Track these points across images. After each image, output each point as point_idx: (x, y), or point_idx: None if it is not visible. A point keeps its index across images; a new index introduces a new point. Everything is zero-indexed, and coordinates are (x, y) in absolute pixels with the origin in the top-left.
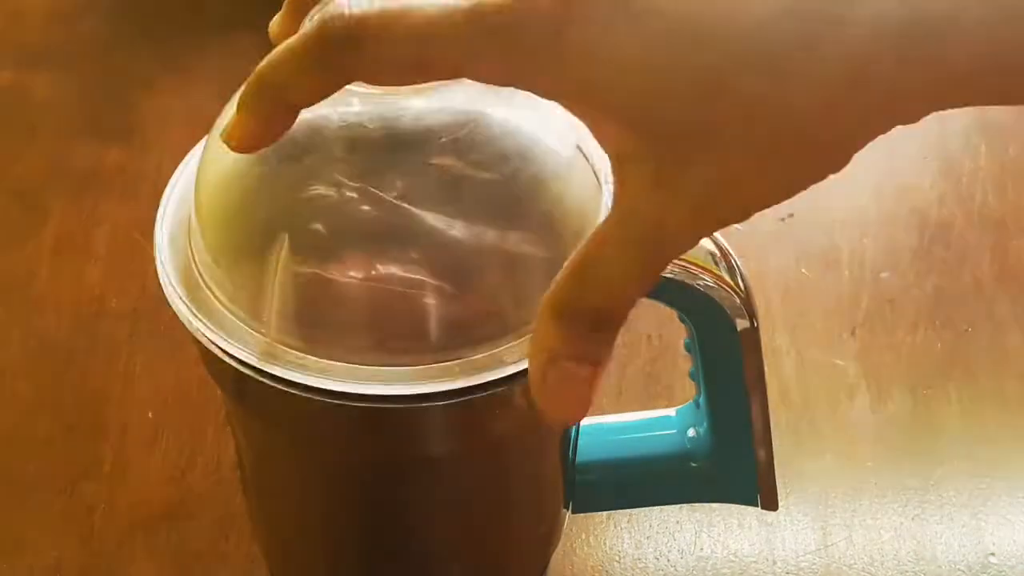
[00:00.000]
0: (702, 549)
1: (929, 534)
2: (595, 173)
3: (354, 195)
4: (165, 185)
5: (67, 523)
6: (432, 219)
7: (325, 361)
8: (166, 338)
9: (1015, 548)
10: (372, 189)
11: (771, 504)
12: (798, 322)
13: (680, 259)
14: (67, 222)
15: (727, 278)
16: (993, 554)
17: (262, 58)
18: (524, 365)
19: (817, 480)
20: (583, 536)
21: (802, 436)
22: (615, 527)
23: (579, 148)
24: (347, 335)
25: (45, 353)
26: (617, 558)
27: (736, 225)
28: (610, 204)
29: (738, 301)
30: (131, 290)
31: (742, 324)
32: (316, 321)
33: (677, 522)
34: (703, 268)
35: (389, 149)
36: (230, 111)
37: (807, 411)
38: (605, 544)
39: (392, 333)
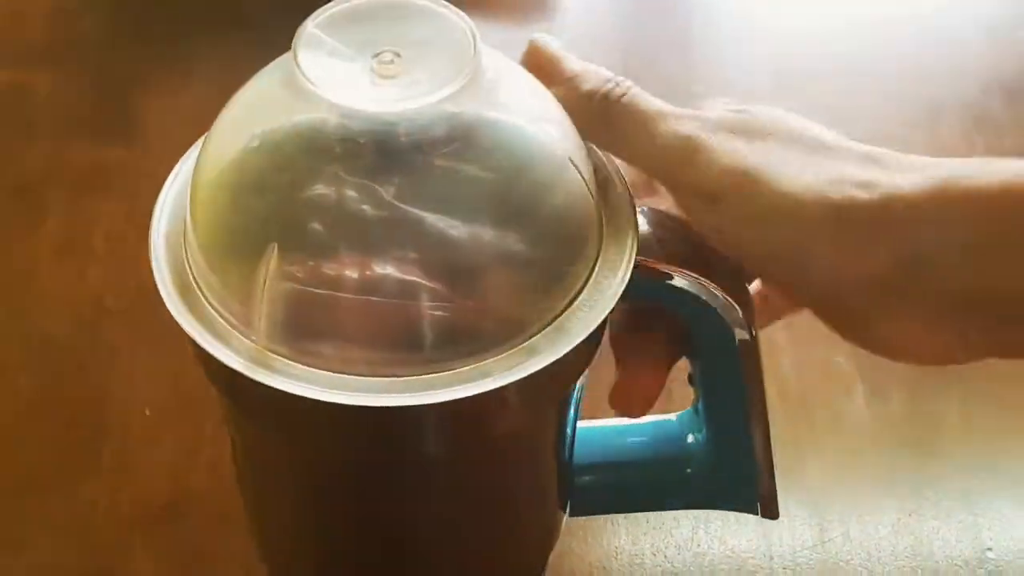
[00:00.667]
0: (699, 545)
1: (926, 530)
2: (586, 184)
3: (347, 200)
4: (164, 184)
5: (67, 521)
6: (425, 223)
7: (314, 370)
8: (165, 336)
9: (1012, 544)
10: (366, 193)
11: (771, 512)
12: (796, 318)
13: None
14: (66, 221)
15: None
16: (990, 549)
17: (261, 57)
18: (512, 377)
19: (814, 476)
20: (580, 533)
21: (800, 432)
22: (612, 524)
23: (571, 160)
24: (336, 344)
25: (44, 352)
26: (615, 555)
27: None
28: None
29: (739, 313)
30: (130, 288)
31: (741, 335)
32: (305, 330)
33: (674, 518)
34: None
35: (385, 155)
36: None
37: (805, 408)
38: (602, 541)
39: (382, 343)
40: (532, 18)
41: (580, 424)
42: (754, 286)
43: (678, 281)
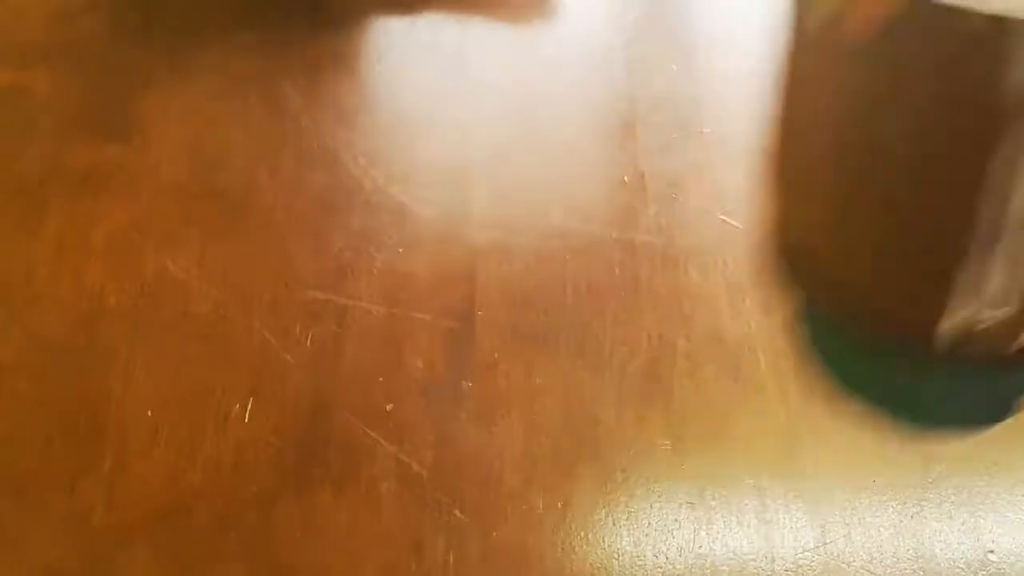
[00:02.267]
0: (700, 547)
1: (928, 532)
2: None
3: None
4: (164, 183)
5: (66, 522)
6: None
7: None
8: (165, 336)
9: (1014, 546)
10: None
11: None
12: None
13: None
14: (66, 220)
15: None
16: (992, 552)
17: (261, 56)
18: None
19: (816, 478)
20: (581, 534)
21: (801, 433)
22: (613, 524)
23: None
24: None
25: (44, 351)
26: (616, 556)
27: (736, 224)
28: None
29: None
30: (130, 288)
31: None
32: None
33: (676, 520)
34: None
35: None
36: None
37: (806, 408)
38: (604, 542)
39: None
40: (531, 18)
41: None
42: None
43: None
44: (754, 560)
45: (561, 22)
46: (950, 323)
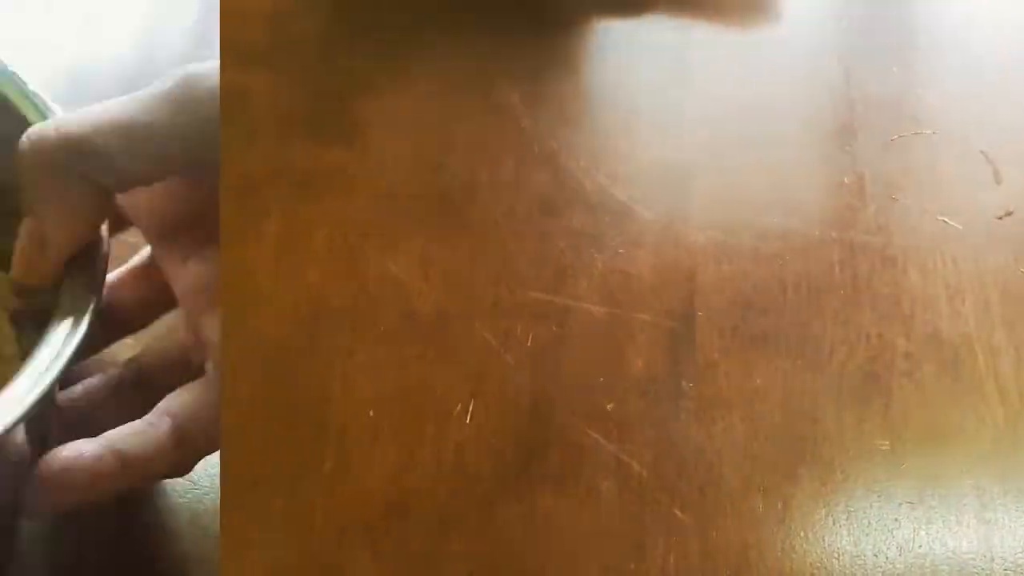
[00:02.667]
0: (920, 546)
1: None
2: None
3: None
4: (384, 185)
5: (288, 522)
6: None
7: None
8: (386, 337)
9: None
10: None
11: None
12: (1017, 320)
13: None
14: (287, 222)
15: None
16: None
17: (482, 58)
18: None
19: None
20: (801, 533)
21: (1020, 433)
22: (833, 524)
23: None
24: None
25: (266, 353)
26: (836, 555)
27: (955, 224)
28: None
29: None
30: (350, 290)
31: None
32: None
33: (895, 519)
34: None
35: None
36: None
37: None
38: (823, 541)
39: None
40: (754, 21)
41: None
42: None
43: None
44: (973, 560)
45: (782, 25)
46: None
